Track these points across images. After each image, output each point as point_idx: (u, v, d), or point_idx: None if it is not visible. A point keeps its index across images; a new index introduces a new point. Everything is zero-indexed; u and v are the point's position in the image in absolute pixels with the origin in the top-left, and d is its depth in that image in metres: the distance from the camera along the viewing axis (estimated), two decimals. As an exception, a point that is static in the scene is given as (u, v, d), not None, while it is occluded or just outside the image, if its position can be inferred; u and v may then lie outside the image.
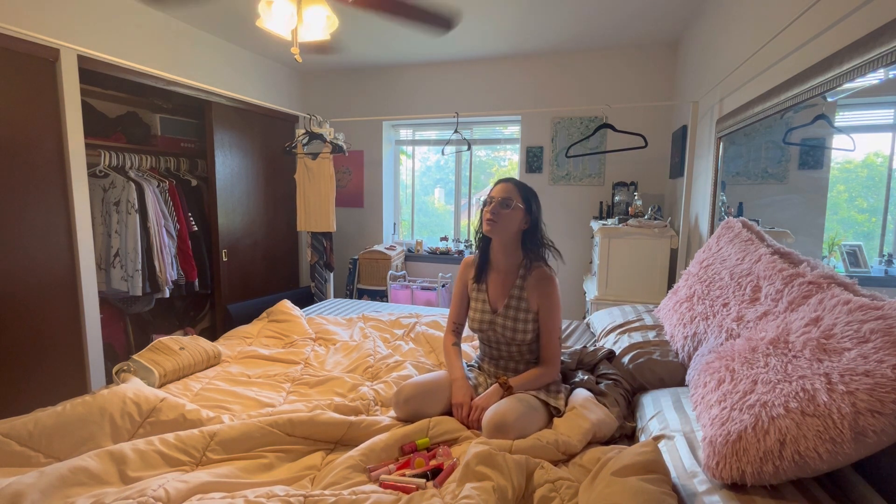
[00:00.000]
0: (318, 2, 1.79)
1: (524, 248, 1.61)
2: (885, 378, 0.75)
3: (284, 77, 4.19)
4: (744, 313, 1.26)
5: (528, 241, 1.61)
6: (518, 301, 1.60)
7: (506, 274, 1.64)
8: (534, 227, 1.60)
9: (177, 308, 3.68)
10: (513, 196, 1.57)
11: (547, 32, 3.25)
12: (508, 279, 1.63)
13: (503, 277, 1.64)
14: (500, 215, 1.56)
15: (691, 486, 0.95)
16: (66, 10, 2.49)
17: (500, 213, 1.56)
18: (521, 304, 1.59)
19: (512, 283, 1.62)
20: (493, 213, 1.56)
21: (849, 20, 1.24)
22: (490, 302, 1.64)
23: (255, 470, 1.22)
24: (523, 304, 1.59)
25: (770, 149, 1.87)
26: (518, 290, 1.60)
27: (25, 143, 2.33)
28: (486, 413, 1.37)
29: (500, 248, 1.63)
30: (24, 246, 2.35)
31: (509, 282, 1.62)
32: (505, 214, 1.56)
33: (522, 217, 1.58)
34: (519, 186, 1.60)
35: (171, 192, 3.22)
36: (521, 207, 1.57)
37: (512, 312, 1.59)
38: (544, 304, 1.58)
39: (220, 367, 1.91)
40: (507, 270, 1.64)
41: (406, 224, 4.61)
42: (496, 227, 1.57)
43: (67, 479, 1.07)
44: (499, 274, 1.65)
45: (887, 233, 1.30)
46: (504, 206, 1.56)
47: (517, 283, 1.61)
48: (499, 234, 1.59)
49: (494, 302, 1.64)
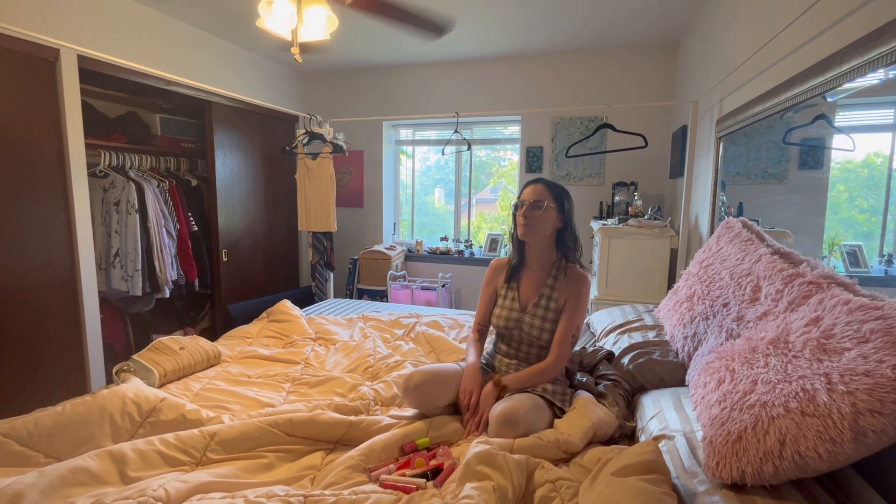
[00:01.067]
0: (318, 2, 1.79)
1: (559, 248, 1.62)
2: (885, 378, 0.74)
3: (284, 77, 4.19)
4: (744, 313, 1.26)
5: (562, 239, 1.61)
6: (548, 300, 1.59)
7: (539, 272, 1.64)
8: (567, 225, 1.60)
9: (177, 308, 3.68)
10: (543, 197, 1.56)
11: (547, 32, 3.25)
12: (541, 277, 1.63)
13: (536, 276, 1.64)
14: (533, 218, 1.56)
15: (691, 486, 0.95)
16: (66, 10, 2.49)
17: (533, 215, 1.56)
18: (551, 304, 1.59)
19: (543, 282, 1.62)
20: (527, 217, 1.56)
21: (849, 20, 1.24)
22: (520, 300, 1.63)
23: (255, 470, 1.22)
24: (552, 303, 1.59)
25: (770, 149, 1.87)
26: (549, 290, 1.60)
27: (25, 143, 2.33)
28: (496, 406, 1.37)
29: (535, 248, 1.63)
30: (24, 246, 2.35)
31: (541, 280, 1.62)
32: (538, 217, 1.56)
33: (556, 217, 1.58)
34: (549, 186, 1.59)
35: (171, 192, 3.22)
36: (552, 207, 1.57)
37: (541, 311, 1.59)
38: (571, 301, 1.58)
39: (220, 367, 1.91)
40: (541, 269, 1.64)
41: (406, 224, 4.61)
42: (530, 230, 1.57)
43: (67, 479, 1.07)
44: (532, 272, 1.65)
45: (887, 233, 1.30)
46: (535, 207, 1.56)
47: (548, 283, 1.61)
48: (533, 236, 1.59)
49: (525, 300, 1.63)
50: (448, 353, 2.06)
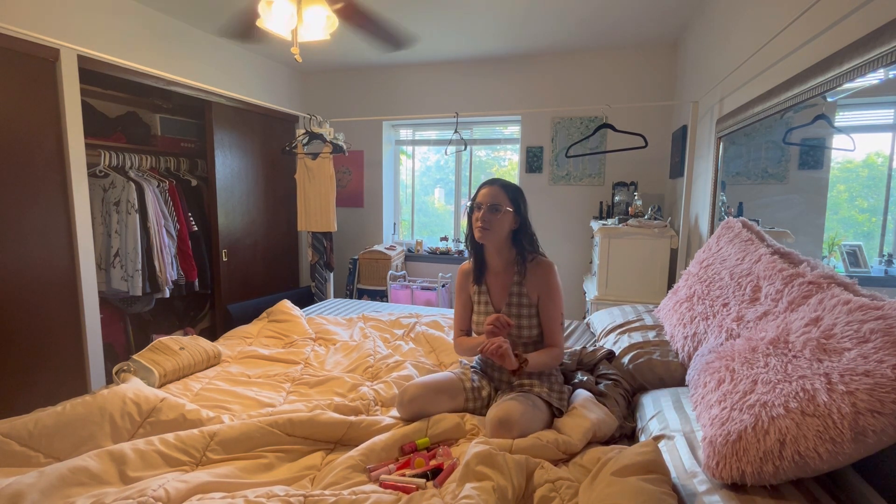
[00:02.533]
0: (318, 2, 1.79)
1: (517, 246, 1.62)
2: (885, 378, 0.75)
3: (284, 77, 4.19)
4: (744, 313, 1.26)
5: (518, 239, 1.61)
6: (519, 297, 1.60)
7: (503, 273, 1.64)
8: (523, 225, 1.61)
9: (177, 308, 3.68)
10: (501, 200, 1.56)
11: (547, 32, 3.25)
12: (506, 277, 1.63)
13: (501, 277, 1.65)
14: (491, 221, 1.55)
15: (691, 486, 0.95)
16: (66, 10, 2.49)
17: (491, 218, 1.55)
18: (523, 300, 1.59)
19: (510, 281, 1.62)
20: (484, 221, 1.55)
21: (848, 20, 1.24)
22: (493, 303, 1.64)
23: (255, 470, 1.22)
24: (524, 299, 1.59)
25: (770, 149, 1.87)
26: (517, 287, 1.60)
27: (25, 143, 2.33)
28: (491, 409, 1.37)
29: (493, 250, 1.64)
30: (24, 246, 2.35)
31: (507, 279, 1.63)
32: (496, 220, 1.55)
33: (512, 219, 1.58)
34: (505, 188, 1.59)
35: (171, 192, 3.22)
36: (510, 210, 1.57)
37: (514, 310, 1.60)
38: (543, 291, 1.58)
39: (220, 367, 1.91)
40: (504, 269, 1.64)
41: (406, 224, 4.61)
42: (488, 234, 1.57)
43: (67, 479, 1.07)
44: (497, 275, 1.66)
45: (887, 233, 1.30)
46: (493, 210, 1.55)
47: (515, 280, 1.61)
48: (491, 239, 1.59)
49: (497, 302, 1.64)
50: (448, 352, 2.06)
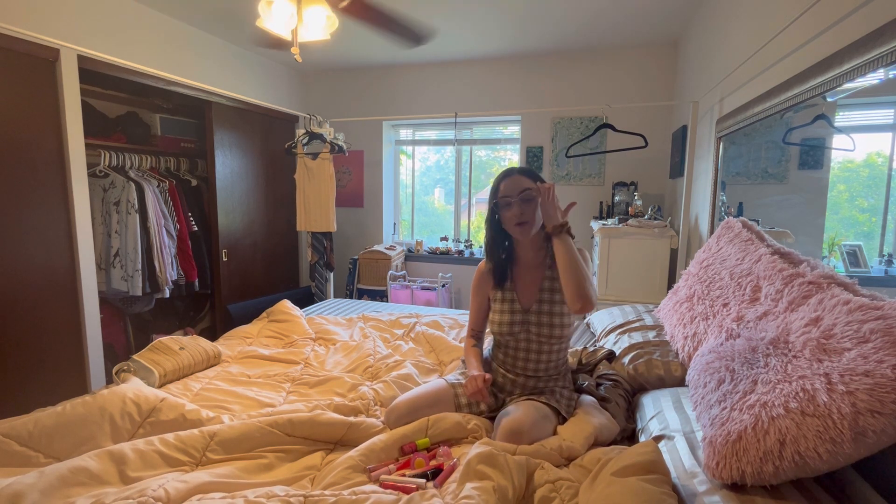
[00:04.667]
0: (318, 2, 1.79)
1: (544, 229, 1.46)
2: (885, 378, 0.74)
3: (284, 77, 4.19)
4: (744, 313, 1.26)
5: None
6: (551, 293, 1.48)
7: (535, 268, 1.51)
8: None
9: (177, 308, 3.68)
10: (528, 186, 1.43)
11: (547, 32, 3.25)
12: (538, 273, 1.51)
13: (532, 273, 1.51)
14: (529, 213, 1.42)
15: (691, 486, 0.95)
16: (66, 10, 2.49)
17: (527, 210, 1.42)
18: (556, 297, 1.47)
19: (542, 276, 1.50)
20: (524, 214, 1.41)
21: (849, 20, 1.24)
22: (521, 301, 1.50)
23: (255, 470, 1.22)
24: (557, 295, 1.47)
25: (770, 149, 1.87)
26: (549, 282, 1.48)
27: (25, 143, 2.33)
28: (503, 420, 1.32)
29: (527, 244, 1.49)
30: (24, 246, 2.35)
31: (539, 275, 1.50)
32: (532, 209, 1.42)
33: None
34: (527, 174, 1.46)
35: (171, 192, 3.22)
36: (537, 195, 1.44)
37: (546, 307, 1.47)
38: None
39: (220, 367, 1.91)
40: (537, 265, 1.51)
41: (406, 224, 4.61)
42: (529, 228, 1.43)
43: (67, 479, 1.07)
44: (528, 270, 1.52)
45: (887, 233, 1.30)
46: (527, 200, 1.42)
47: (547, 274, 1.49)
48: (532, 232, 1.45)
49: (527, 301, 1.50)
50: (448, 352, 2.06)
